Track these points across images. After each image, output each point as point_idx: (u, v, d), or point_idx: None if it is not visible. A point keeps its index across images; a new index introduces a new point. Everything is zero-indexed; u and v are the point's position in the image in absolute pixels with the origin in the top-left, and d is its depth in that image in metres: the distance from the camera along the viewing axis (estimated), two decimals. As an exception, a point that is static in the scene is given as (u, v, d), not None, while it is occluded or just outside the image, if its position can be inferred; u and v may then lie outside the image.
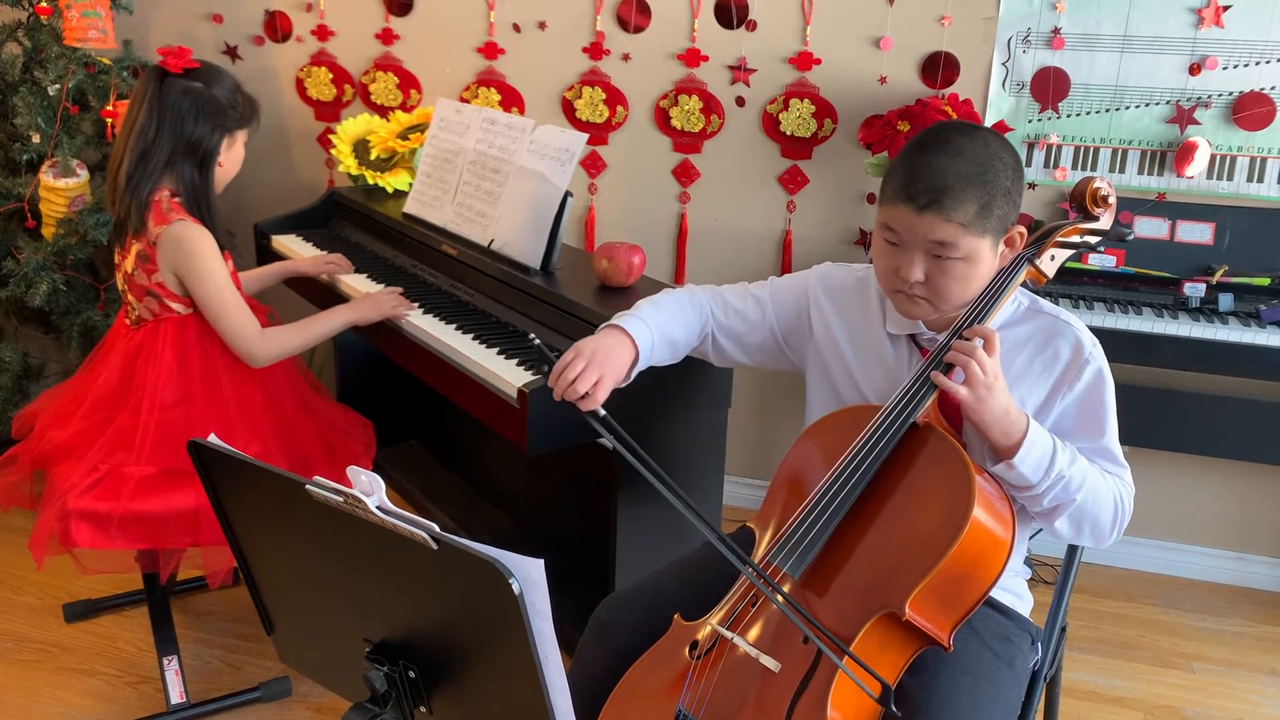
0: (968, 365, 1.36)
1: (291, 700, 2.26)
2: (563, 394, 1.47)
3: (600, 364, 1.49)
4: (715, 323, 1.68)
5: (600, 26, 2.93)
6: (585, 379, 1.46)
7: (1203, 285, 2.50)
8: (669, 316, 1.63)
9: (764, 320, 1.68)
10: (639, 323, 1.58)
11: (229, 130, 2.10)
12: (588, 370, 1.47)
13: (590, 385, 1.46)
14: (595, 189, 3.06)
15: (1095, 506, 1.43)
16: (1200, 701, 2.41)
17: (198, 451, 1.20)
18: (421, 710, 1.15)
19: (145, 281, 2.07)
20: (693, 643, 1.41)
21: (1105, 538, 1.46)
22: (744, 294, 1.71)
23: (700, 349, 1.71)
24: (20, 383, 3.00)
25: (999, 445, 1.39)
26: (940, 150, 1.41)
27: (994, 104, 2.69)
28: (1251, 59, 2.53)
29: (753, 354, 1.71)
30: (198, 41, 3.28)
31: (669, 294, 1.69)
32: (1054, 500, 1.40)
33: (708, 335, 1.69)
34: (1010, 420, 1.37)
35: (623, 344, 1.55)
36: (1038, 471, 1.38)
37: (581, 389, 1.45)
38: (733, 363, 1.75)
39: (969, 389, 1.36)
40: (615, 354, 1.53)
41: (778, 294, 1.69)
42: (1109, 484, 1.45)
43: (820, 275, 1.69)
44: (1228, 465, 2.77)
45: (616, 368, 1.52)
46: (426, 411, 3.15)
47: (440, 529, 0.99)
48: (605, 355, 1.51)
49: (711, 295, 1.71)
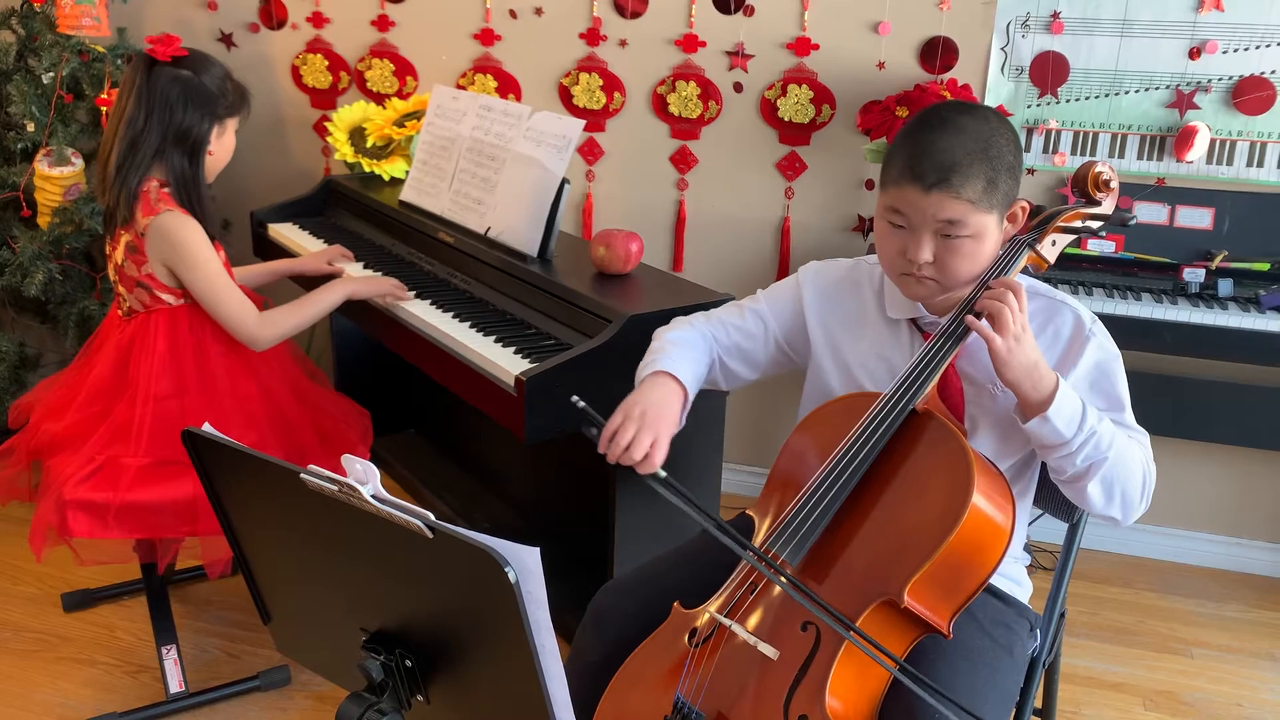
0: (1000, 312, 1.35)
1: (291, 689, 2.27)
2: (618, 459, 1.41)
3: (653, 423, 1.43)
4: (719, 346, 1.65)
5: (597, 12, 2.91)
6: (640, 443, 1.41)
7: (1202, 270, 2.49)
8: (692, 351, 1.59)
9: (767, 332, 1.65)
10: (677, 364, 1.53)
11: (219, 118, 2.09)
12: (641, 432, 1.42)
13: (647, 448, 1.41)
14: (593, 176, 3.05)
15: (1126, 468, 1.40)
16: (1199, 687, 2.42)
17: (192, 441, 1.20)
18: (418, 699, 1.15)
19: (135, 273, 2.06)
20: (691, 630, 1.41)
21: (1134, 507, 1.43)
22: (740, 310, 1.67)
23: (710, 377, 1.66)
24: (17, 372, 3.00)
25: (1030, 399, 1.36)
26: (943, 129, 1.40)
27: (993, 89, 2.68)
28: (1251, 43, 2.52)
29: (762, 368, 1.68)
30: (192, 29, 3.26)
31: (674, 331, 1.64)
32: (1087, 459, 1.37)
33: (715, 362, 1.64)
34: (1040, 374, 1.36)
35: (670, 391, 1.50)
36: (1071, 425, 1.36)
37: (639, 455, 1.40)
38: (742, 383, 1.70)
39: (1001, 337, 1.34)
40: (666, 407, 1.47)
41: (773, 303, 1.67)
42: (1135, 447, 1.43)
43: (808, 274, 1.66)
44: (1226, 451, 2.77)
45: (670, 421, 1.46)
46: (424, 400, 3.14)
47: (438, 518, 0.99)
48: (657, 412, 1.45)
49: (708, 321, 1.67)
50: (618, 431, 1.43)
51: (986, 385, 1.49)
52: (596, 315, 2.03)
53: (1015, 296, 1.36)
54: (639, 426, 1.43)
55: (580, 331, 2.05)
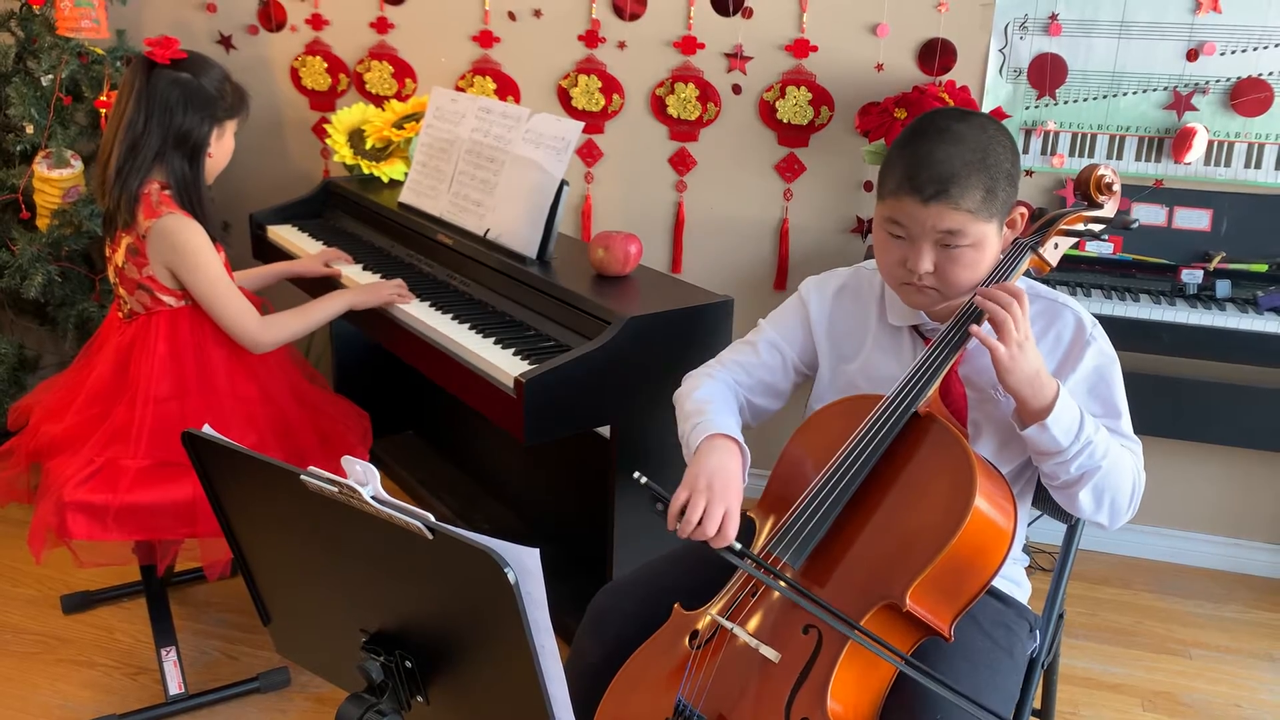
0: (1004, 320, 1.34)
1: (290, 691, 2.26)
2: (690, 534, 1.37)
3: (721, 494, 1.37)
4: (743, 389, 1.63)
5: (596, 14, 2.92)
6: (712, 517, 1.35)
7: (1200, 272, 2.50)
8: (726, 404, 1.56)
9: (785, 361, 1.64)
10: (725, 421, 1.50)
11: (218, 121, 2.09)
12: (712, 505, 1.36)
13: (719, 520, 1.36)
14: (591, 178, 3.05)
15: (1117, 477, 1.41)
16: (1197, 687, 2.42)
17: (192, 442, 1.20)
18: (418, 700, 1.15)
19: (136, 275, 2.06)
20: (693, 632, 1.41)
21: (1121, 514, 1.44)
22: (753, 348, 1.65)
23: (740, 422, 1.63)
24: (16, 374, 3.00)
25: (1031, 407, 1.36)
26: (939, 138, 1.40)
27: (991, 91, 2.68)
28: (1249, 44, 2.52)
29: (786, 396, 1.67)
30: (191, 31, 3.26)
31: (700, 390, 1.59)
32: (1081, 467, 1.38)
33: (742, 406, 1.63)
34: (1042, 382, 1.36)
35: (730, 455, 1.45)
36: (1069, 434, 1.36)
37: (712, 530, 1.35)
38: (768, 416, 1.68)
39: (1005, 345, 1.34)
40: (731, 474, 1.42)
41: (782, 329, 1.66)
42: (1127, 456, 1.44)
43: (809, 289, 1.66)
44: (1225, 452, 2.77)
45: (736, 488, 1.41)
46: (424, 402, 3.14)
47: (437, 519, 0.99)
48: (724, 482, 1.39)
49: (724, 368, 1.65)
50: (687, 507, 1.37)
51: (988, 390, 1.49)
52: (595, 317, 2.03)
53: (1018, 303, 1.36)
54: (708, 499, 1.37)
55: (579, 333, 2.06)
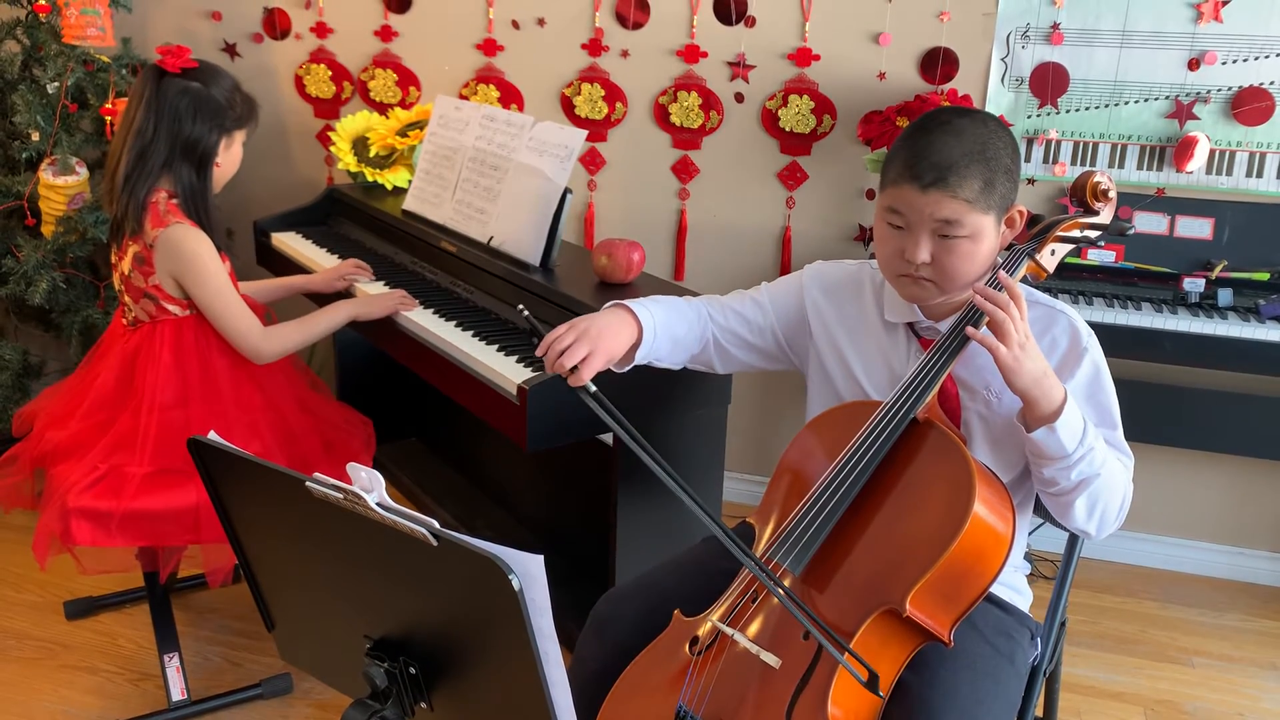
0: (1002, 321, 1.34)
1: (293, 697, 2.27)
2: (552, 367, 1.45)
3: (593, 339, 1.46)
4: (714, 325, 1.66)
5: (599, 23, 2.93)
6: (574, 353, 1.43)
7: (1202, 280, 2.50)
8: (672, 312, 1.62)
9: (765, 322, 1.67)
10: (644, 308, 1.57)
11: (227, 130, 2.10)
12: (578, 344, 1.44)
13: (579, 360, 1.43)
14: (595, 186, 3.06)
15: (1111, 489, 1.41)
16: (1200, 696, 2.42)
17: (198, 449, 1.20)
18: (422, 706, 1.15)
19: (142, 283, 2.07)
20: (693, 639, 1.41)
21: (1109, 525, 1.45)
22: (741, 297, 1.70)
23: (702, 357, 1.68)
24: (20, 380, 3.00)
25: (1041, 409, 1.36)
26: (940, 130, 1.41)
27: (993, 100, 2.69)
28: (1251, 54, 2.53)
29: (756, 356, 1.69)
30: (197, 39, 3.28)
31: (666, 297, 1.67)
32: (1081, 474, 1.38)
33: (708, 340, 1.66)
34: (1050, 383, 1.36)
35: (625, 324, 1.53)
36: (1074, 438, 1.36)
37: (569, 363, 1.43)
38: (738, 366, 1.72)
39: (1005, 347, 1.34)
40: (613, 332, 1.50)
41: (775, 297, 1.68)
42: (1120, 469, 1.44)
43: (813, 273, 1.68)
44: (1227, 460, 2.77)
45: (610, 346, 1.49)
46: (427, 408, 3.15)
47: (440, 525, 0.99)
48: (599, 331, 1.48)
49: (707, 300, 1.70)
50: (558, 339, 1.45)
51: (981, 391, 1.49)
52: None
53: (1016, 304, 1.36)
54: (576, 337, 1.45)
55: (582, 340, 2.06)
